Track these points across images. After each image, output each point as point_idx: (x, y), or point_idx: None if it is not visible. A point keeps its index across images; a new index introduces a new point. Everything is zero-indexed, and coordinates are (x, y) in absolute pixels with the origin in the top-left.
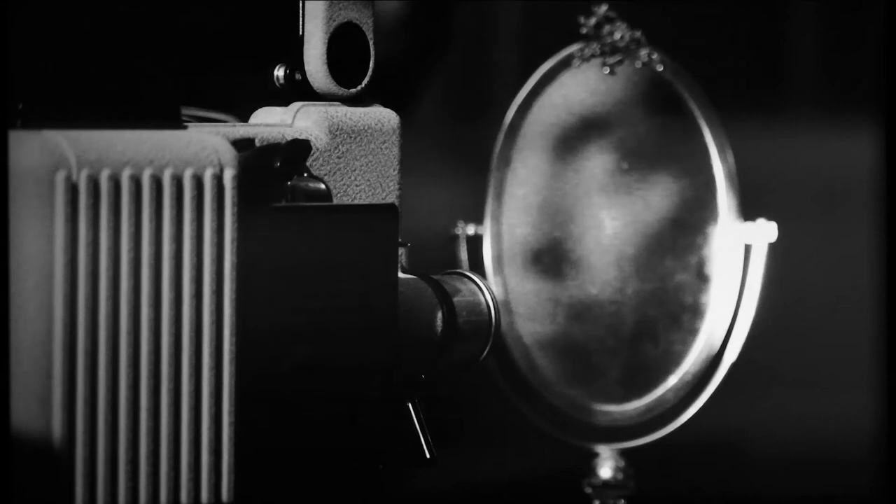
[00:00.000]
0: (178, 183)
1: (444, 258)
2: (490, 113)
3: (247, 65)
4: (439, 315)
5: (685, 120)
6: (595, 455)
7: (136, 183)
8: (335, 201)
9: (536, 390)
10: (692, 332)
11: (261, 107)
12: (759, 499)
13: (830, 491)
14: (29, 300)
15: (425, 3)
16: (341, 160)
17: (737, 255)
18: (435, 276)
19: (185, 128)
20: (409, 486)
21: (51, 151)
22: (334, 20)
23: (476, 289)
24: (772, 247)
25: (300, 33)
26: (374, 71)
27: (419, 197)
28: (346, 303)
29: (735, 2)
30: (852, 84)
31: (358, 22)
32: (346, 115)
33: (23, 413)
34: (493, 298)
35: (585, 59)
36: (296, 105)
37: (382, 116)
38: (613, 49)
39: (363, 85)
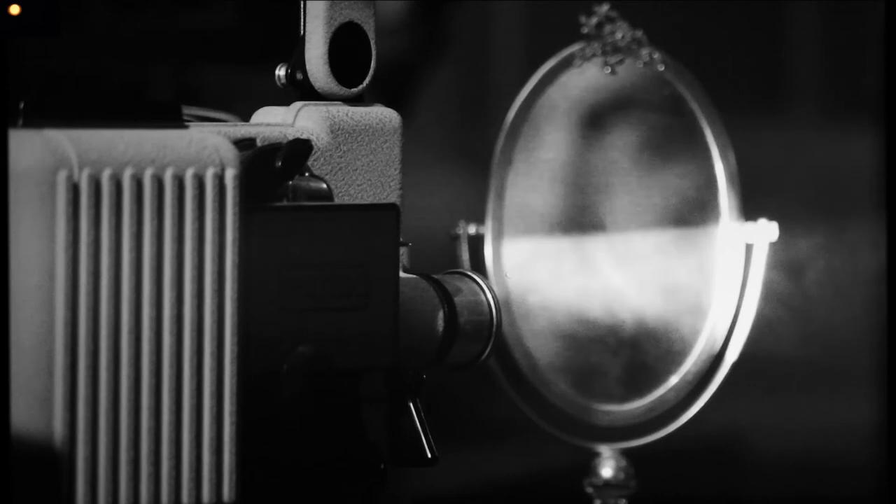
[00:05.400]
0: (179, 182)
1: (446, 258)
2: (491, 112)
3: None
4: (440, 315)
5: (686, 119)
6: (596, 455)
7: (138, 182)
8: (336, 201)
9: (537, 390)
10: (693, 331)
11: (262, 106)
12: (760, 498)
13: (831, 491)
14: (30, 300)
15: (426, 2)
16: (342, 160)
17: (738, 255)
18: (436, 276)
19: (186, 127)
20: (410, 486)
21: (52, 151)
22: (335, 20)
23: (477, 288)
24: (773, 246)
25: (301, 33)
26: (375, 70)
27: (420, 196)
28: (346, 302)
29: (736, 1)
30: (853, 83)
31: (359, 21)
32: (347, 114)
33: (24, 413)
34: (495, 298)
35: (587, 59)
36: (297, 105)
37: (384, 116)
38: (615, 49)
39: (364, 84)
